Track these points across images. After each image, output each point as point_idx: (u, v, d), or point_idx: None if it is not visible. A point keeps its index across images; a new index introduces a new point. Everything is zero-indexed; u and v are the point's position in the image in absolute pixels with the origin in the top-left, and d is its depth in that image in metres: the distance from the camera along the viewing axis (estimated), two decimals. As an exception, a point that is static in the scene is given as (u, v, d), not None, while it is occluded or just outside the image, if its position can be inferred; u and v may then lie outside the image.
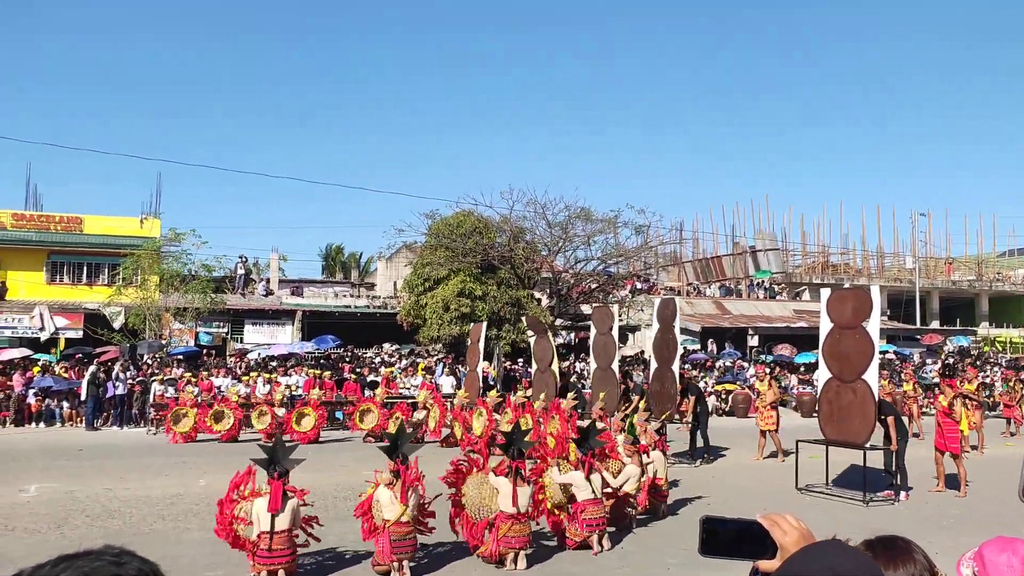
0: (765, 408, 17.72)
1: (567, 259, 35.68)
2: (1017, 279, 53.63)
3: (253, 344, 34.65)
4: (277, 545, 8.00)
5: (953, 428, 13.77)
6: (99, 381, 22.66)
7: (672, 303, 17.66)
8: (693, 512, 11.86)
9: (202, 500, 12.09)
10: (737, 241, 49.66)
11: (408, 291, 34.31)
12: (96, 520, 11.01)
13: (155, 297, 31.14)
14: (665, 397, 16.76)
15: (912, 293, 47.19)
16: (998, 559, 1.69)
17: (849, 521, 11.21)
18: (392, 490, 8.40)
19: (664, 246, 43.91)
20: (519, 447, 9.21)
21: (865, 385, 12.82)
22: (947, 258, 53.63)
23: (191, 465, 15.79)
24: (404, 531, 8.32)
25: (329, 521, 10.56)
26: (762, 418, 17.78)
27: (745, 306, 43.61)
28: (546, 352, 20.89)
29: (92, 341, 31.39)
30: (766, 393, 18.02)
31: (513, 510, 8.74)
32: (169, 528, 10.59)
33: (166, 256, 32.86)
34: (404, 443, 8.79)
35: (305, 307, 37.66)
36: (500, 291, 32.19)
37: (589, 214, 34.27)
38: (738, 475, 15.54)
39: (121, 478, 14.12)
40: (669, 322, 17.16)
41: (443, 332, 31.04)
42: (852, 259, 52.34)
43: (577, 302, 35.96)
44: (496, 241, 33.98)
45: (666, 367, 17.04)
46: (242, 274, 39.28)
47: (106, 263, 36.07)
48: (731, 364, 33.81)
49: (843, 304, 13.42)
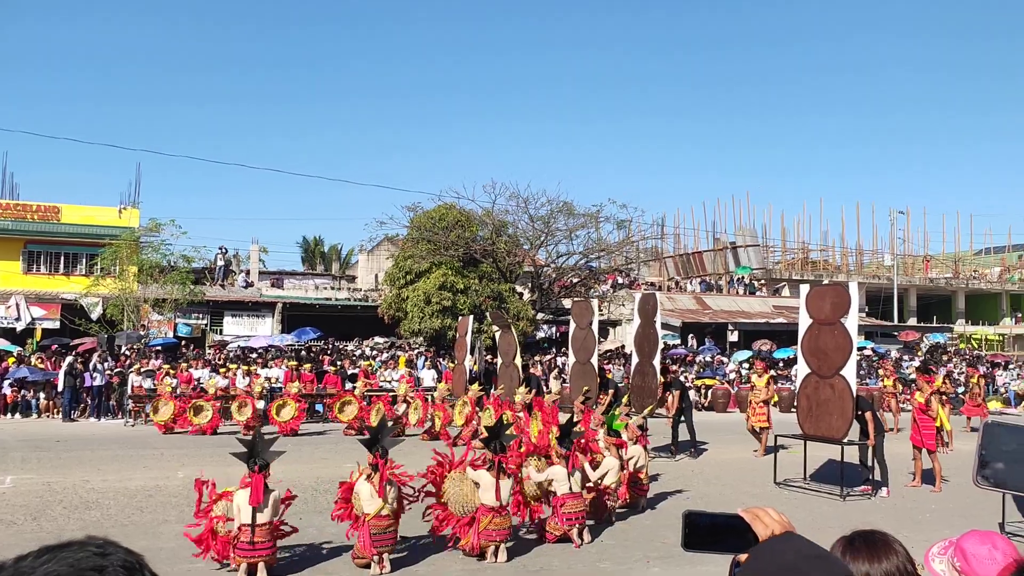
0: (758, 404, 17.27)
1: (549, 253, 35.79)
2: (993, 277, 54.21)
3: (233, 336, 34.46)
4: (259, 538, 7.97)
5: (929, 424, 13.91)
6: (76, 372, 22.48)
7: (653, 298, 17.71)
8: (673, 506, 11.93)
9: (181, 492, 12.02)
10: (718, 237, 49.89)
11: (389, 284, 34.27)
12: (73, 512, 10.93)
13: (134, 288, 30.92)
14: (647, 391, 16.82)
15: (890, 290, 47.60)
16: (979, 551, 1.72)
17: (827, 515, 11.33)
18: (372, 483, 8.39)
19: (645, 241, 44.16)
20: (501, 441, 9.23)
21: (843, 381, 12.92)
22: (925, 256, 54.11)
23: (170, 457, 15.69)
24: (384, 524, 8.32)
25: (308, 514, 10.56)
26: (755, 415, 17.27)
27: (725, 301, 43.82)
28: (511, 346, 21.00)
29: (69, 332, 31.14)
30: (760, 389, 17.46)
31: (496, 503, 8.76)
32: (148, 520, 10.52)
33: (145, 246, 32.63)
34: (384, 436, 8.78)
35: (285, 299, 37.49)
36: (482, 285, 32.21)
37: (571, 208, 34.40)
38: (718, 469, 15.62)
39: (99, 469, 14.01)
40: (650, 317, 17.20)
41: (424, 325, 31.03)
42: (831, 256, 52.73)
43: (559, 296, 36.05)
44: (478, 235, 34.00)
45: (647, 361, 17.10)
46: (222, 265, 39.04)
47: (84, 253, 35.74)
48: (711, 359, 33.98)
49: (822, 300, 13.52)
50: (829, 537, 1.97)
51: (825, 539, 1.85)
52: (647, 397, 16.69)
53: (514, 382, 19.73)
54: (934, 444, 14.00)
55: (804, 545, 1.46)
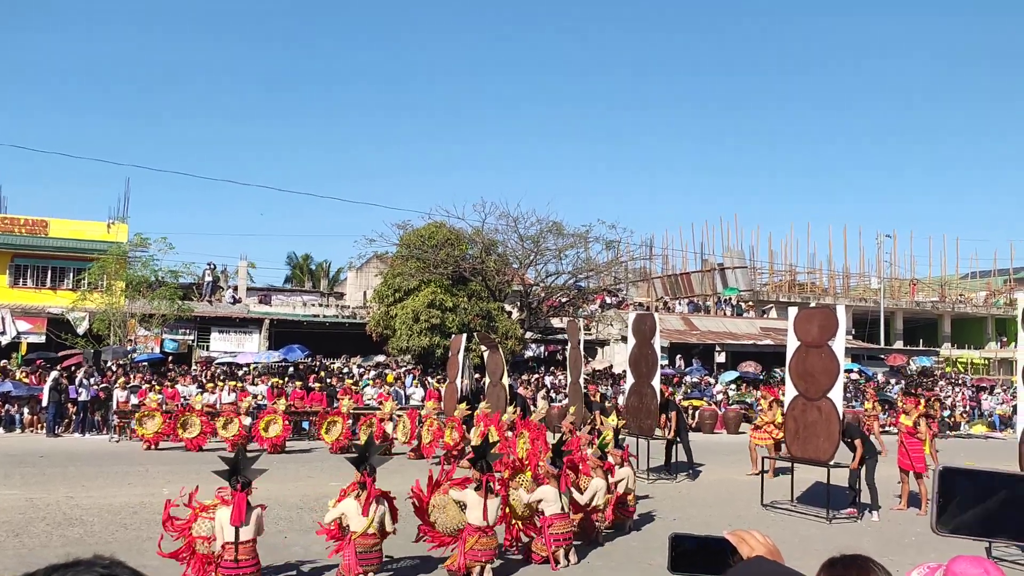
0: (765, 425, 17.79)
1: (538, 272, 35.88)
2: (978, 301, 54.55)
3: (219, 352, 34.29)
4: (242, 556, 7.91)
5: (918, 447, 13.95)
6: (61, 387, 22.32)
7: (650, 318, 17.68)
8: (659, 528, 11.91)
9: (165, 509, 11.94)
10: (706, 258, 50.11)
11: (378, 301, 34.22)
12: (56, 528, 10.82)
13: (121, 303, 30.77)
14: (644, 412, 16.78)
15: (877, 313, 47.83)
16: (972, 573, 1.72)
17: (813, 538, 11.33)
18: (359, 501, 8.36)
19: (634, 262, 44.28)
20: (488, 460, 9.22)
21: (830, 403, 12.96)
22: (911, 279, 54.44)
23: (155, 473, 15.58)
24: (370, 543, 8.28)
25: (294, 533, 10.50)
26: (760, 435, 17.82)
27: (712, 323, 43.95)
28: (497, 366, 20.98)
29: (55, 346, 30.93)
30: (767, 412, 18.09)
31: (483, 523, 8.74)
32: (132, 537, 10.44)
33: (133, 261, 32.50)
34: (372, 454, 8.76)
35: (273, 316, 37.34)
36: (471, 303, 32.20)
37: (561, 228, 34.52)
38: (704, 491, 15.62)
39: (83, 486, 13.90)
40: (647, 337, 17.17)
41: (412, 343, 30.97)
42: (818, 278, 53.01)
43: (547, 315, 36.08)
44: (468, 253, 34.05)
45: (644, 382, 17.05)
46: (210, 281, 38.90)
47: (71, 267, 35.56)
48: (698, 380, 34.03)
49: (810, 323, 13.59)
50: (814, 560, 1.99)
51: (810, 562, 1.87)
52: (646, 418, 16.66)
53: (501, 402, 19.71)
54: (924, 467, 14.06)
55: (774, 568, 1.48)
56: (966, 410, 33.99)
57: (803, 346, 13.56)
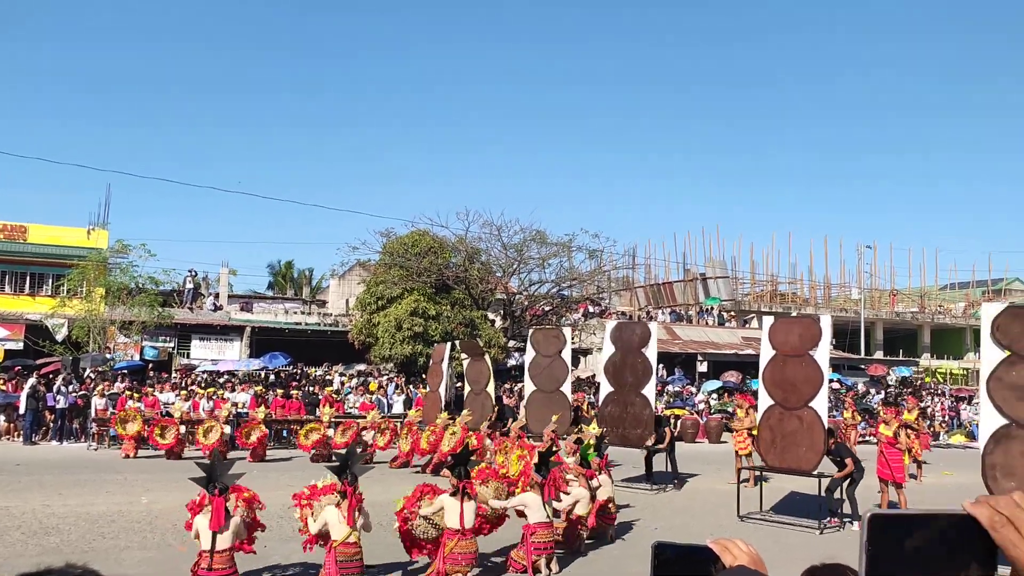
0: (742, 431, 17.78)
1: (521, 281, 35.88)
2: (957, 312, 55.04)
3: (200, 360, 34.04)
4: (218, 564, 7.85)
5: (898, 457, 14.04)
6: (39, 395, 22.09)
7: (643, 327, 17.67)
8: (640, 536, 11.92)
9: (144, 518, 11.84)
10: (688, 268, 50.31)
11: (360, 309, 34.10)
12: (32, 537, 10.70)
13: (100, 309, 30.51)
14: (631, 421, 16.76)
15: (857, 323, 48.14)
16: None
17: (794, 546, 11.37)
18: (340, 509, 8.32)
19: (617, 271, 44.40)
20: (466, 467, 9.20)
21: (813, 412, 12.99)
22: (891, 290, 54.87)
23: (133, 481, 15.44)
24: (351, 552, 8.24)
25: (273, 541, 10.41)
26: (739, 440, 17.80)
27: (695, 332, 44.10)
28: (481, 374, 20.90)
29: (33, 353, 30.61)
30: (743, 419, 18.06)
31: (459, 527, 8.73)
32: (109, 546, 10.33)
33: (113, 268, 32.24)
34: (354, 463, 8.72)
35: (254, 323, 37.12)
36: (454, 311, 32.16)
37: (544, 237, 34.55)
38: (686, 500, 15.65)
39: (60, 494, 13.75)
40: (635, 346, 17.17)
41: (395, 351, 30.88)
42: (800, 289, 53.31)
43: (531, 324, 36.07)
44: (451, 261, 34.02)
45: (633, 391, 17.02)
46: (191, 288, 38.64)
47: (50, 273, 35.22)
48: (680, 389, 34.11)
49: (788, 332, 13.61)
50: (795, 569, 1.99)
51: (792, 571, 1.87)
52: (633, 427, 16.66)
53: (486, 410, 19.65)
54: (903, 477, 14.13)
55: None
56: (945, 420, 34.25)
57: (780, 355, 13.56)
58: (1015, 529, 1.00)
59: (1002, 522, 1.00)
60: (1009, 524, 1.00)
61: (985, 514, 1.02)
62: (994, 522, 1.01)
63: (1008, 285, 57.91)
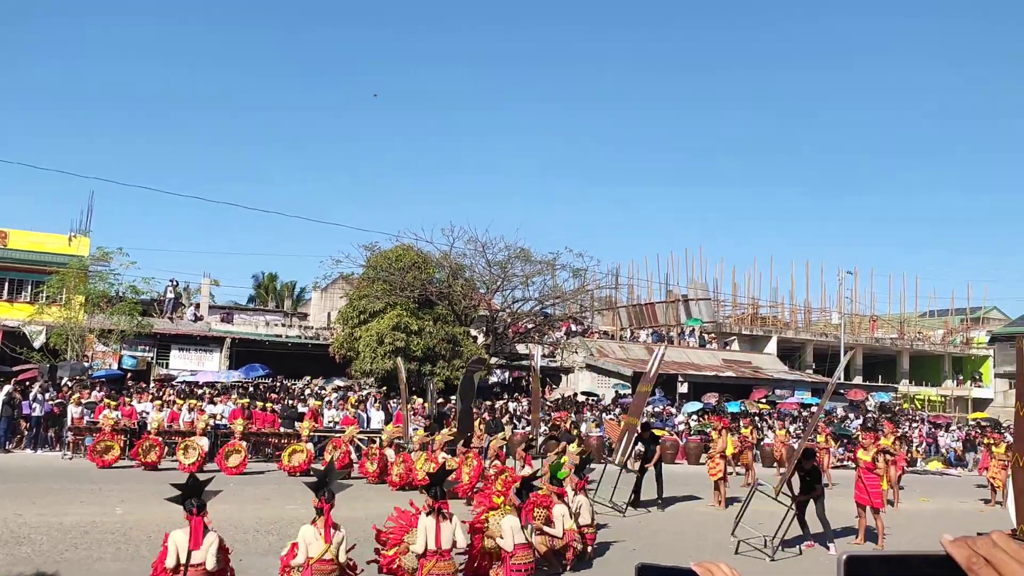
0: (716, 455, 17.78)
1: (505, 298, 35.92)
2: (936, 339, 55.49)
3: (179, 370, 33.78)
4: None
5: (875, 482, 14.09)
6: (14, 402, 21.83)
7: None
8: (619, 557, 11.90)
9: (118, 529, 11.70)
10: (670, 289, 50.48)
11: (342, 323, 33.99)
12: (3, 547, 10.54)
13: (79, 317, 30.24)
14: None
15: (837, 348, 48.45)
16: None
17: (775, 571, 11.38)
18: (316, 526, 8.25)
19: (600, 290, 44.52)
20: (442, 487, 9.14)
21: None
22: (871, 315, 55.27)
23: (108, 492, 15.25)
24: (328, 569, 8.16)
25: (250, 556, 10.33)
26: (712, 465, 17.81)
27: (676, 353, 44.17)
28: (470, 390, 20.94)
29: (9, 360, 30.27)
30: (716, 441, 18.11)
31: (435, 547, 8.68)
32: (82, 557, 10.20)
33: (93, 276, 32.00)
34: (332, 480, 8.65)
35: (235, 334, 36.89)
36: (436, 327, 32.12)
37: (528, 255, 34.65)
38: (665, 521, 15.64)
39: (33, 503, 13.56)
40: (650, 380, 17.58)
41: (376, 366, 30.77)
42: (780, 312, 53.58)
43: (513, 341, 36.11)
44: (435, 277, 34.03)
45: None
46: (171, 298, 38.40)
47: (29, 279, 34.93)
48: (660, 410, 34.12)
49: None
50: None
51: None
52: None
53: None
54: (881, 502, 14.18)
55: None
56: (922, 446, 34.43)
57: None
58: (993, 570, 0.98)
59: (980, 563, 0.99)
60: (987, 565, 0.98)
61: (963, 555, 1.00)
62: (971, 563, 0.99)
63: (986, 314, 58.47)
